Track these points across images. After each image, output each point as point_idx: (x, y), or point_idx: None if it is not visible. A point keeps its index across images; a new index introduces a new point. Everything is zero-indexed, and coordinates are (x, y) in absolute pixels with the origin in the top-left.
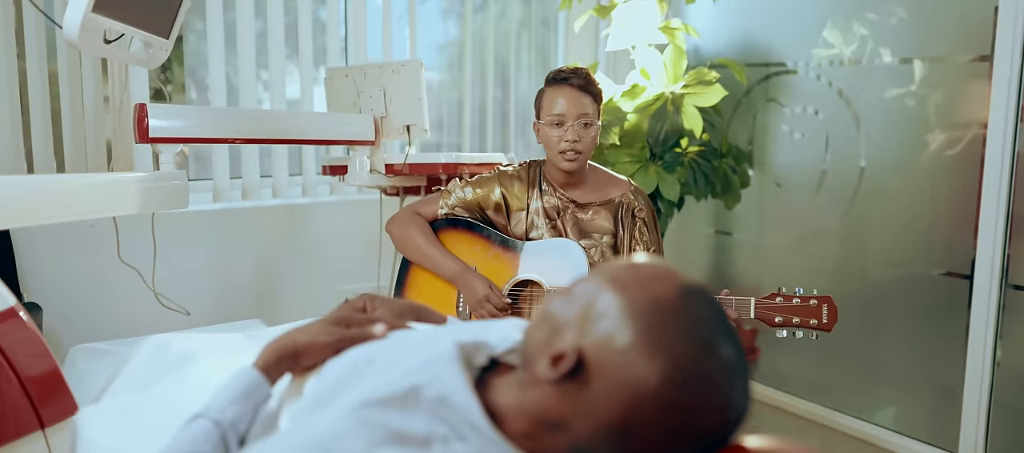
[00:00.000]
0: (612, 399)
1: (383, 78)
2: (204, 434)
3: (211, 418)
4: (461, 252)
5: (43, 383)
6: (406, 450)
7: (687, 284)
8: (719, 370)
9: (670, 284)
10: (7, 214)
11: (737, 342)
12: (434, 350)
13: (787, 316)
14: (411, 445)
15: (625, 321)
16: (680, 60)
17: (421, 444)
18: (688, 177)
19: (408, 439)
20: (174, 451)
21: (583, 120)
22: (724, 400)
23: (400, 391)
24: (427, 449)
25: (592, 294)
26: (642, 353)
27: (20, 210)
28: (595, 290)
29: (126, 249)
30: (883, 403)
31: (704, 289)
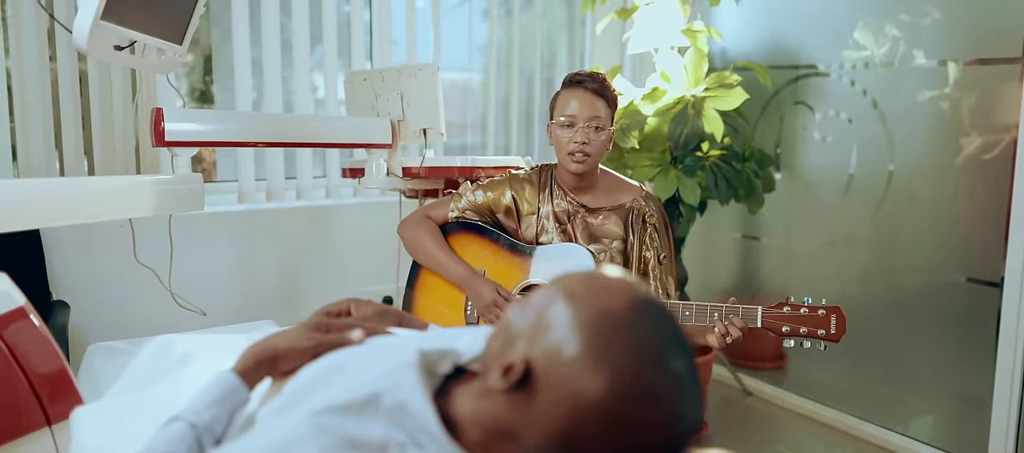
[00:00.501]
0: (557, 410)
1: (400, 81)
2: (179, 436)
3: (187, 421)
4: (471, 255)
5: (50, 382)
6: None
7: (638, 298)
8: (665, 385)
9: (620, 297)
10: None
11: (688, 357)
12: (397, 358)
13: (794, 326)
14: (366, 451)
15: (573, 333)
16: (701, 63)
17: (377, 450)
18: (709, 181)
19: (364, 445)
20: (150, 452)
21: (594, 123)
22: (670, 415)
23: (360, 398)
24: None
25: (545, 305)
26: (587, 366)
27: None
28: (548, 301)
29: (151, 249)
30: (910, 412)
31: (656, 303)
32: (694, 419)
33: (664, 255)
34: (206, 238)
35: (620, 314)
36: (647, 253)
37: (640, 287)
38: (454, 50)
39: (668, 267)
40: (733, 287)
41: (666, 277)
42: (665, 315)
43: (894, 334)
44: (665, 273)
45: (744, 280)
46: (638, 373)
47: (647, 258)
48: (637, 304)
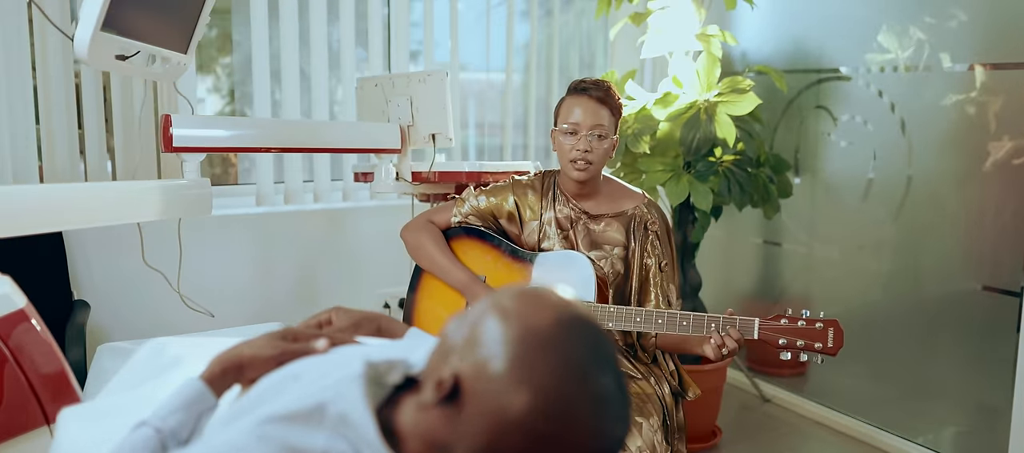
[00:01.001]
0: (482, 425)
1: (410, 87)
2: (144, 440)
3: (153, 426)
4: (472, 261)
5: (50, 382)
6: None
7: (566, 316)
8: (587, 402)
9: (548, 315)
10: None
11: (614, 375)
12: (345, 369)
13: (791, 338)
14: None
15: (499, 350)
16: (713, 68)
17: None
18: (722, 186)
19: None
20: None
21: (597, 131)
22: (590, 432)
23: (305, 408)
24: None
25: (477, 321)
26: (510, 382)
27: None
28: (481, 317)
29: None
30: (929, 422)
31: (584, 322)
32: (617, 435)
33: (665, 262)
34: (225, 240)
35: (545, 332)
36: (648, 260)
37: (572, 305)
38: (495, 50)
39: (669, 275)
40: (753, 293)
41: (668, 284)
42: (593, 334)
43: (914, 342)
44: (667, 281)
45: (765, 286)
46: (559, 391)
47: (648, 265)
48: (564, 322)
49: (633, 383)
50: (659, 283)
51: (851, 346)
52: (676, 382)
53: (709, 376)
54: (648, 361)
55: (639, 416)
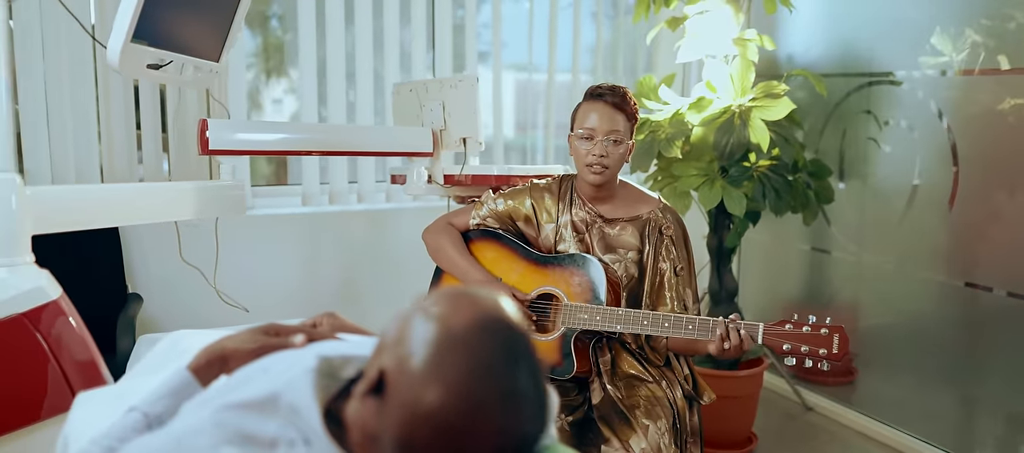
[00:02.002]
0: (398, 417)
1: (443, 92)
2: (132, 423)
3: (142, 410)
4: (490, 262)
5: (81, 369)
6: (246, 449)
7: (484, 317)
8: (495, 400)
9: (466, 316)
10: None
11: (528, 375)
12: (303, 362)
13: (795, 344)
14: (255, 446)
15: (417, 347)
16: (748, 72)
17: (267, 446)
18: (756, 192)
19: (255, 440)
20: (106, 435)
21: (613, 136)
22: (499, 428)
23: (261, 397)
24: (271, 450)
25: (406, 319)
26: (423, 378)
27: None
28: (409, 316)
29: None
30: (981, 438)
31: (502, 324)
32: (528, 432)
33: (681, 267)
34: (271, 238)
35: (461, 333)
36: (663, 265)
37: (493, 308)
38: (562, 51)
39: (685, 279)
40: (798, 299)
41: (684, 289)
42: (509, 335)
43: (966, 354)
44: (682, 285)
45: (811, 293)
46: (469, 388)
47: (663, 270)
48: (481, 323)
49: (643, 386)
50: (674, 287)
51: (901, 357)
52: (690, 386)
53: (744, 382)
54: (660, 364)
55: (646, 418)
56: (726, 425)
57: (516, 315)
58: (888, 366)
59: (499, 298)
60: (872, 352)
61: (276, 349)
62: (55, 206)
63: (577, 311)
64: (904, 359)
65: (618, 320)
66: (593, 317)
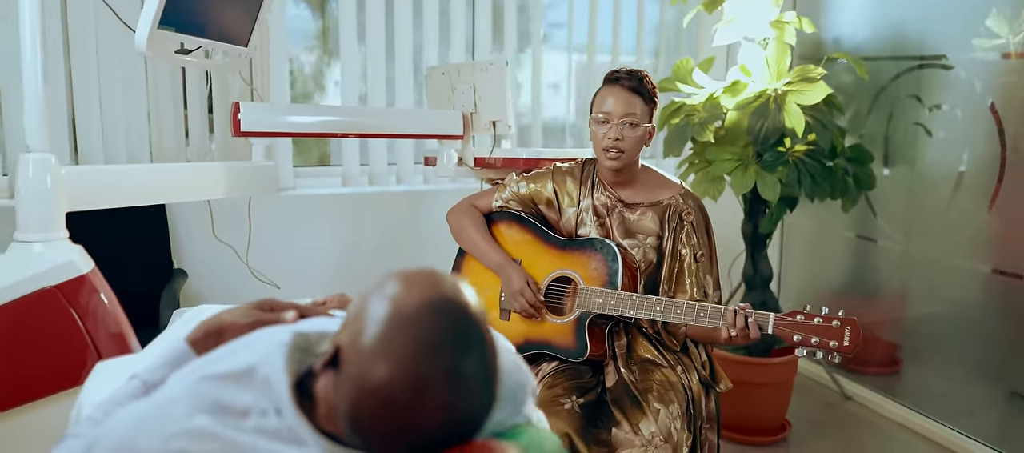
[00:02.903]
0: (347, 391)
1: (474, 76)
2: (132, 391)
3: (142, 378)
4: (510, 244)
5: (110, 340)
6: (220, 418)
7: (436, 296)
8: (440, 378)
9: (417, 295)
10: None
11: (475, 355)
12: (280, 337)
13: (806, 335)
14: (228, 415)
15: (369, 324)
16: (784, 56)
17: (239, 415)
18: (791, 177)
19: (228, 410)
20: (108, 401)
21: (628, 120)
22: (443, 405)
23: (239, 369)
24: (244, 419)
25: (364, 297)
26: (372, 355)
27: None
28: (368, 294)
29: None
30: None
31: (452, 303)
32: (471, 410)
33: (701, 253)
34: (310, 219)
35: (411, 312)
36: (683, 251)
37: (447, 289)
38: (627, 33)
39: (706, 266)
40: (841, 288)
41: (704, 275)
42: (458, 316)
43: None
44: (703, 271)
45: (855, 281)
46: (413, 365)
47: (682, 256)
48: (432, 303)
49: (658, 370)
50: (694, 272)
51: (948, 348)
52: (707, 373)
53: (777, 369)
54: (676, 349)
55: (658, 402)
56: (759, 412)
57: (471, 298)
58: (934, 358)
59: (456, 281)
60: (918, 343)
61: (269, 324)
62: (87, 185)
63: (592, 295)
64: (950, 351)
65: (632, 305)
66: (607, 301)
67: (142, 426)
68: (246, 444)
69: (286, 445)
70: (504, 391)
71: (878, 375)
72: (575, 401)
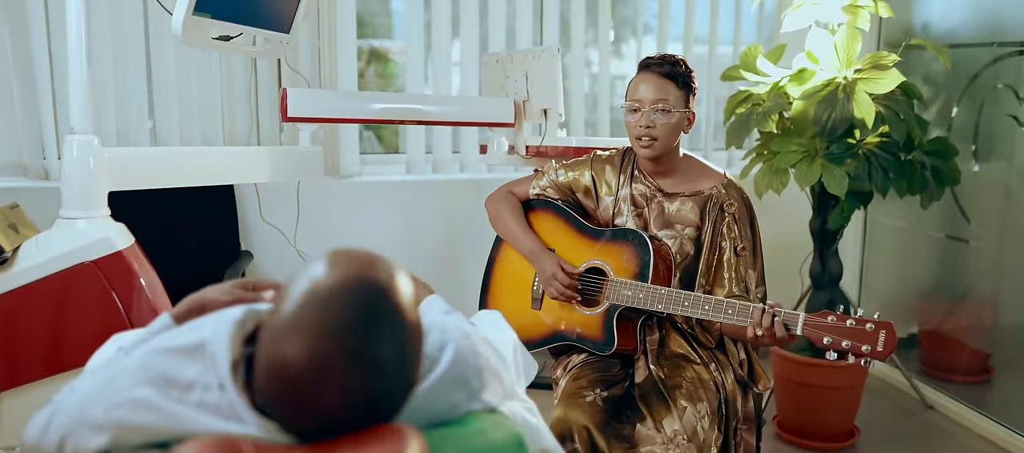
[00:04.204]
0: (261, 366)
1: (526, 64)
2: (110, 361)
3: (125, 350)
4: (545, 232)
5: (145, 314)
6: (163, 390)
7: (351, 276)
8: (340, 358)
9: (334, 273)
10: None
11: (387, 336)
12: (232, 313)
13: (836, 338)
14: (173, 387)
15: (285, 302)
16: (854, 42)
17: (184, 388)
18: (861, 170)
19: (173, 382)
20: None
21: (660, 106)
22: (343, 385)
23: (192, 343)
24: (188, 392)
25: (291, 275)
26: (281, 332)
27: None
28: (294, 272)
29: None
30: None
31: (367, 282)
32: (377, 391)
33: (742, 247)
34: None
35: (322, 291)
36: (722, 243)
37: (364, 268)
38: (725, 22)
39: (748, 260)
40: (927, 290)
41: (746, 270)
42: (371, 295)
43: None
44: (744, 266)
45: (942, 283)
46: (315, 345)
47: (722, 248)
48: (345, 282)
49: (689, 367)
50: (733, 266)
51: None
52: (746, 372)
53: (845, 371)
54: (711, 346)
55: (686, 400)
56: (823, 416)
57: (395, 281)
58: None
59: (379, 260)
60: (1011, 352)
61: (248, 302)
62: (128, 166)
63: (622, 287)
64: None
65: (661, 299)
66: (636, 294)
67: (93, 394)
68: (185, 417)
69: (225, 421)
70: (457, 377)
71: (966, 384)
72: (598, 394)
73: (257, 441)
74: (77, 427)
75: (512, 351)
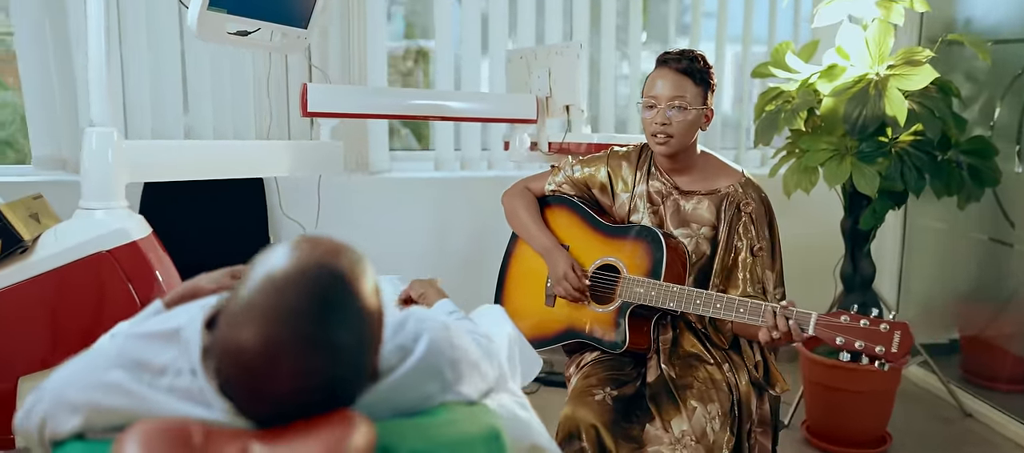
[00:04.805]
0: (216, 350)
1: (549, 59)
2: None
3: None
4: (559, 229)
5: None
6: (136, 374)
7: (307, 262)
8: (292, 344)
9: (291, 259)
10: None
11: (340, 321)
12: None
13: (849, 338)
14: (145, 372)
15: (242, 287)
16: (886, 37)
17: (157, 373)
18: (893, 170)
19: (146, 367)
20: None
21: (676, 103)
22: (295, 371)
23: (168, 329)
24: (160, 377)
25: (256, 258)
26: (235, 317)
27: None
28: (259, 255)
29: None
30: None
31: (323, 268)
32: (331, 377)
33: (759, 247)
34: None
35: (277, 277)
36: (738, 243)
37: (321, 255)
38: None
39: (764, 261)
40: (969, 296)
41: (763, 271)
42: (326, 282)
43: None
44: (761, 266)
45: (984, 288)
46: (266, 331)
47: (738, 248)
48: (301, 268)
49: (702, 367)
50: (749, 267)
51: None
52: (761, 374)
53: (877, 376)
54: (724, 346)
55: (696, 400)
56: (854, 421)
57: (351, 266)
58: None
59: (342, 249)
60: None
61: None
62: (146, 158)
63: (634, 284)
64: None
65: (673, 297)
66: (648, 292)
67: (71, 377)
68: (156, 401)
69: (194, 405)
70: (430, 367)
71: (1009, 393)
72: (608, 393)
73: (209, 426)
74: (55, 409)
75: (507, 345)
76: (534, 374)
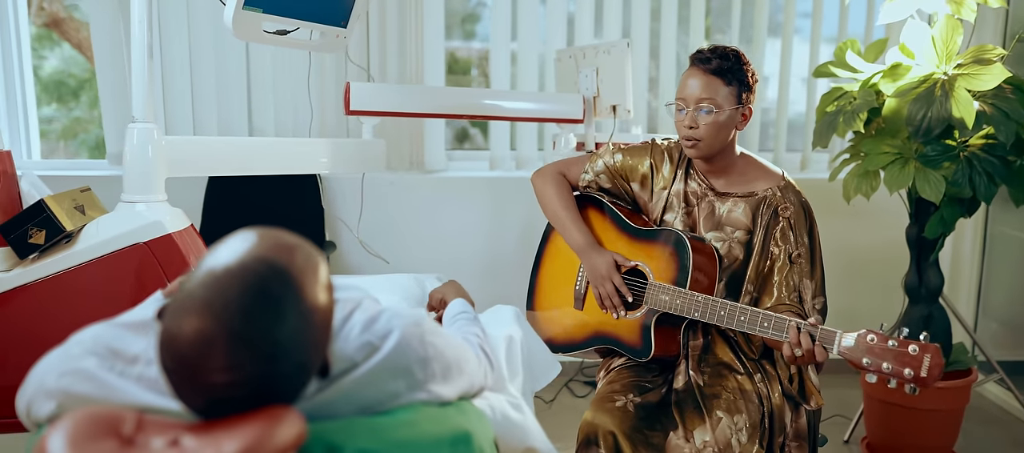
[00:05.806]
0: (160, 340)
1: (597, 59)
2: None
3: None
4: (592, 221)
5: None
6: (107, 362)
7: (249, 257)
8: (224, 338)
9: (235, 253)
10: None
11: (278, 319)
12: None
13: (876, 360)
14: (118, 360)
15: (188, 280)
16: (954, 34)
17: (128, 361)
18: (960, 174)
19: (119, 355)
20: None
21: (704, 105)
22: (227, 365)
23: (142, 318)
24: (131, 365)
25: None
26: (176, 308)
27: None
28: (210, 248)
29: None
30: None
31: (263, 263)
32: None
33: (797, 253)
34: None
35: (218, 271)
36: (774, 249)
37: (264, 250)
38: (829, 17)
39: (805, 269)
40: None
41: (802, 279)
42: (265, 278)
43: None
44: (800, 274)
45: None
46: (201, 324)
47: (774, 254)
48: (243, 263)
49: (732, 377)
50: (785, 274)
51: None
52: (795, 387)
53: (942, 394)
54: (756, 356)
55: (723, 411)
56: (917, 440)
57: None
58: None
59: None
60: None
61: None
62: (186, 154)
63: (660, 292)
64: None
65: (697, 307)
66: (673, 300)
67: (51, 362)
68: (123, 389)
69: (159, 396)
70: (396, 365)
71: None
72: (630, 399)
73: (144, 415)
74: (36, 394)
75: (505, 347)
76: (551, 377)
